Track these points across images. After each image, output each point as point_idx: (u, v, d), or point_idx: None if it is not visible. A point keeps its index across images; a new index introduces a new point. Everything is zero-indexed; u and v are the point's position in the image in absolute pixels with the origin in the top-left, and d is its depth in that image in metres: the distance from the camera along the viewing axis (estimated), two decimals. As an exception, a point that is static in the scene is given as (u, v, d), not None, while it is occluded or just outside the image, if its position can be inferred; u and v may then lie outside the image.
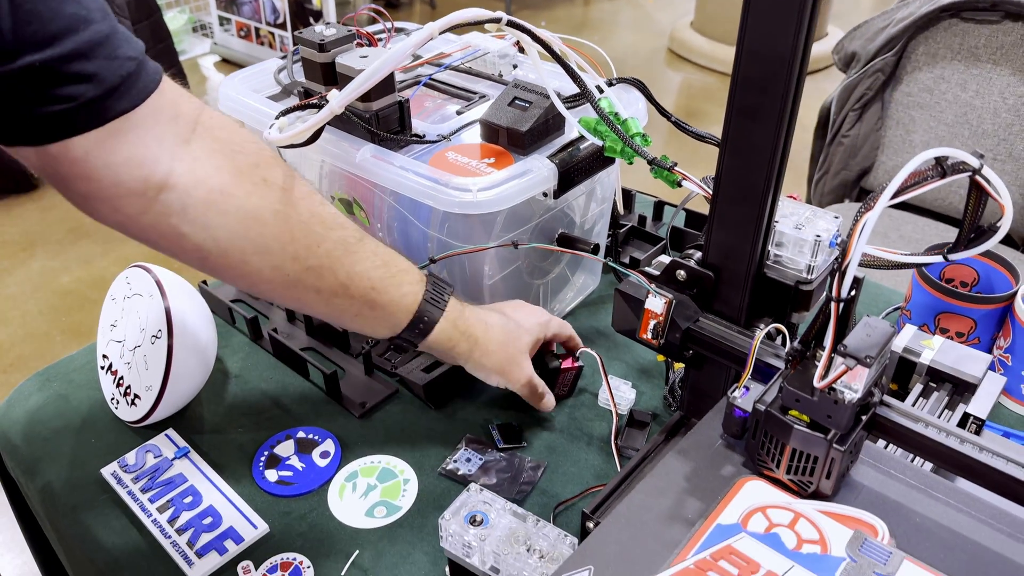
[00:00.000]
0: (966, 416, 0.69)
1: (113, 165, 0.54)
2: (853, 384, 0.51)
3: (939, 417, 0.69)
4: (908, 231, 1.57)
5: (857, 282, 0.52)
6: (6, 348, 2.07)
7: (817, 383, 0.51)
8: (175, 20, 3.55)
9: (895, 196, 0.50)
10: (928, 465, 0.65)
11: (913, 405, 0.69)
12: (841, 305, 0.51)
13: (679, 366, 0.81)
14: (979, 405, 0.70)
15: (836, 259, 0.64)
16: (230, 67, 3.65)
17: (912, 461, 0.65)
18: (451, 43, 0.97)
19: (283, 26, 3.34)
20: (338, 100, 0.63)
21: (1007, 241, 1.47)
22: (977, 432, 0.69)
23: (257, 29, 3.45)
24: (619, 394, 0.79)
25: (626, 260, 0.98)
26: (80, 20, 0.52)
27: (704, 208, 0.95)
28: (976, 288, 0.87)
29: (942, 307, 0.81)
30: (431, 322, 0.69)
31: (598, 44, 0.95)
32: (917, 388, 0.72)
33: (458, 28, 0.65)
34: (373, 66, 0.61)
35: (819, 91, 3.57)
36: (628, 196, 1.05)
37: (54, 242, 2.43)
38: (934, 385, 0.72)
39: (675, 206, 1.08)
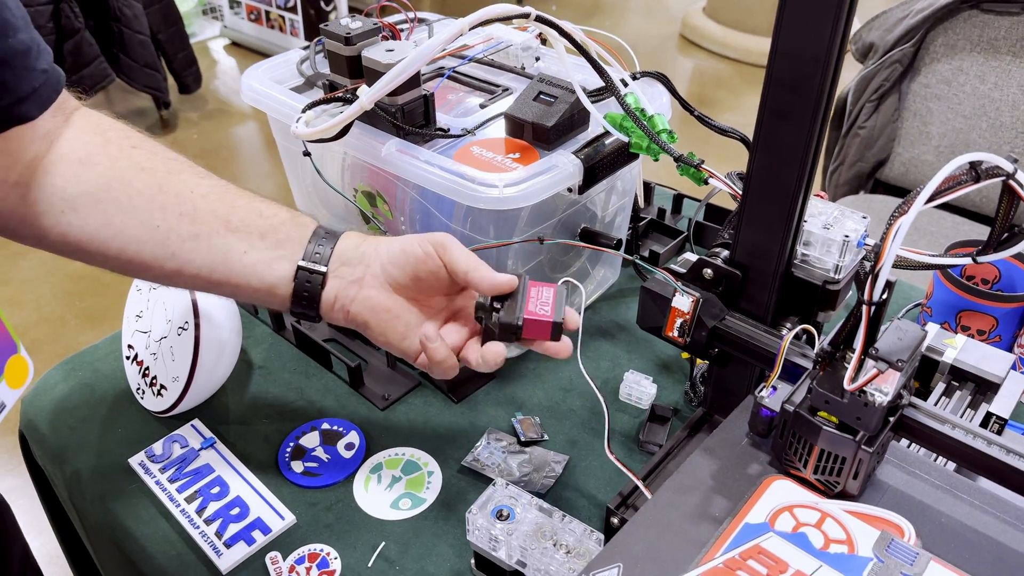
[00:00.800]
0: (988, 415, 0.69)
1: None
2: (884, 387, 0.51)
3: (962, 416, 0.69)
4: (923, 223, 1.56)
5: (889, 285, 0.52)
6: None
7: (847, 385, 0.52)
8: (185, 3, 3.54)
9: (929, 200, 0.50)
10: (951, 464, 0.66)
11: (935, 404, 0.70)
12: (872, 308, 0.51)
13: (701, 361, 0.81)
14: (1002, 404, 0.70)
15: (864, 259, 0.65)
16: (240, 50, 3.64)
17: (935, 460, 0.65)
18: (474, 35, 0.96)
19: (293, 9, 3.33)
20: (368, 96, 0.63)
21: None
22: (999, 432, 0.70)
23: (267, 12, 3.44)
24: (640, 388, 0.80)
25: (645, 253, 0.98)
26: (9, 27, 0.54)
27: (725, 202, 0.96)
28: (997, 286, 0.87)
29: (964, 305, 0.81)
30: (334, 231, 0.63)
31: (609, 30, 0.95)
32: (940, 387, 0.72)
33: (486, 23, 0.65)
34: (404, 62, 0.61)
35: (845, 82, 3.55)
36: (647, 189, 1.05)
37: (67, 226, 2.43)
38: (956, 384, 0.72)
39: (695, 199, 1.09)
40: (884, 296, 0.52)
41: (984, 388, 0.72)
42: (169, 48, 2.87)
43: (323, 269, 0.61)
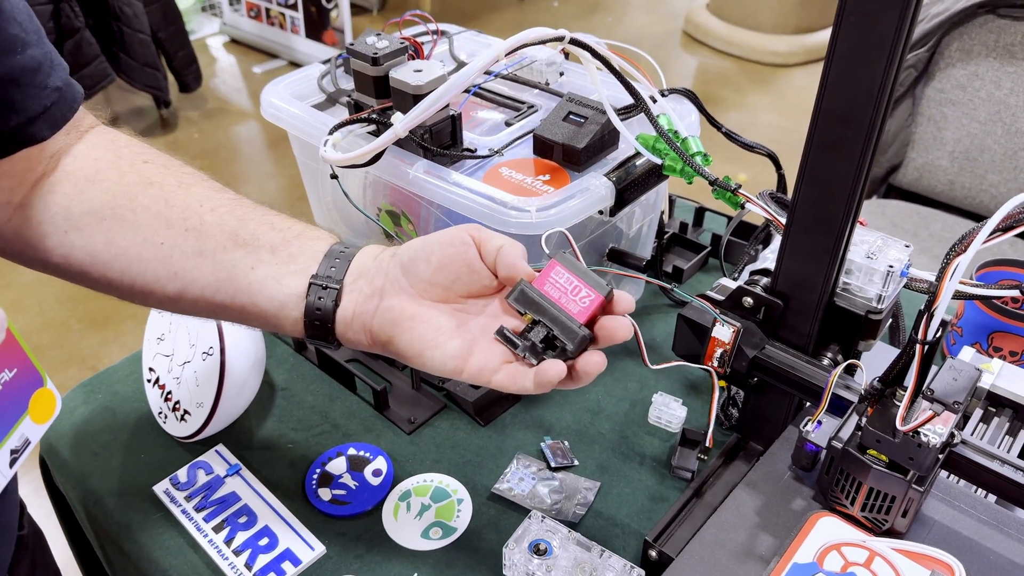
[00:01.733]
0: (1028, 443, 0.68)
1: None
2: (939, 428, 0.50)
3: (999, 445, 0.68)
4: (937, 229, 1.56)
5: (943, 324, 0.51)
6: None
7: (900, 426, 0.51)
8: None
9: (989, 239, 0.49)
10: (991, 495, 0.65)
11: (973, 432, 0.69)
12: (926, 347, 0.50)
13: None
14: (1041, 431, 0.69)
15: (906, 287, 0.64)
16: (239, 48, 3.61)
17: (975, 491, 0.65)
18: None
19: (294, 7, 3.30)
20: (403, 124, 0.62)
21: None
22: (1039, 459, 0.69)
23: (267, 9, 3.41)
24: (670, 411, 0.79)
25: (668, 269, 0.97)
26: (19, 43, 0.52)
27: (750, 218, 0.94)
28: (1026, 305, 0.86)
29: (996, 326, 0.80)
30: (354, 245, 0.57)
31: (611, 26, 0.93)
32: (977, 413, 0.71)
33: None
34: (441, 89, 0.59)
35: None
36: (669, 202, 1.04)
37: (68, 228, 2.41)
38: (994, 410, 0.72)
39: (717, 213, 1.07)
40: (939, 335, 0.51)
41: (1023, 414, 0.71)
42: (169, 47, 2.85)
43: (337, 284, 0.54)
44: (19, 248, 0.59)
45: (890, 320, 0.74)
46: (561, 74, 0.91)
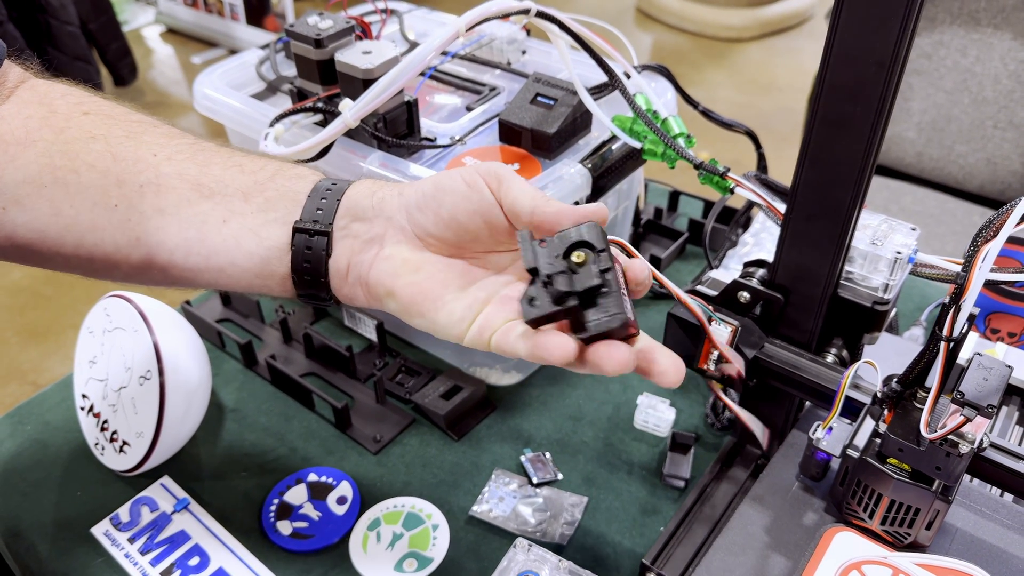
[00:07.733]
0: (1040, 433, 0.64)
1: None
2: (970, 434, 0.45)
3: (1009, 437, 0.64)
4: (908, 203, 1.53)
5: (971, 319, 0.46)
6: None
7: (926, 433, 0.46)
8: (115, -12, 3.34)
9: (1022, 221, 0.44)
10: (1008, 494, 0.61)
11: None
12: (951, 344, 0.45)
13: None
14: (1052, 419, 0.65)
15: (912, 273, 0.58)
16: (177, 37, 3.46)
17: (989, 490, 0.60)
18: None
19: (233, -7, 3.16)
20: (353, 112, 0.54)
21: None
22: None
23: (205, -4, 3.27)
24: (657, 414, 0.73)
25: (646, 259, 0.91)
26: None
27: (729, 201, 0.89)
28: (1019, 284, 0.82)
29: (995, 307, 0.76)
30: (341, 181, 0.49)
31: (563, 4, 0.86)
32: (984, 402, 0.67)
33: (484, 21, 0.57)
34: (395, 71, 0.52)
35: (808, 53, 3.45)
36: (643, 186, 0.98)
37: (1, 234, 2.27)
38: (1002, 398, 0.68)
39: (692, 196, 1.02)
40: (965, 331, 0.46)
41: (1031, 402, 0.67)
42: (101, 38, 2.70)
43: (326, 228, 0.46)
44: None
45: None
46: (523, 52, 0.84)
